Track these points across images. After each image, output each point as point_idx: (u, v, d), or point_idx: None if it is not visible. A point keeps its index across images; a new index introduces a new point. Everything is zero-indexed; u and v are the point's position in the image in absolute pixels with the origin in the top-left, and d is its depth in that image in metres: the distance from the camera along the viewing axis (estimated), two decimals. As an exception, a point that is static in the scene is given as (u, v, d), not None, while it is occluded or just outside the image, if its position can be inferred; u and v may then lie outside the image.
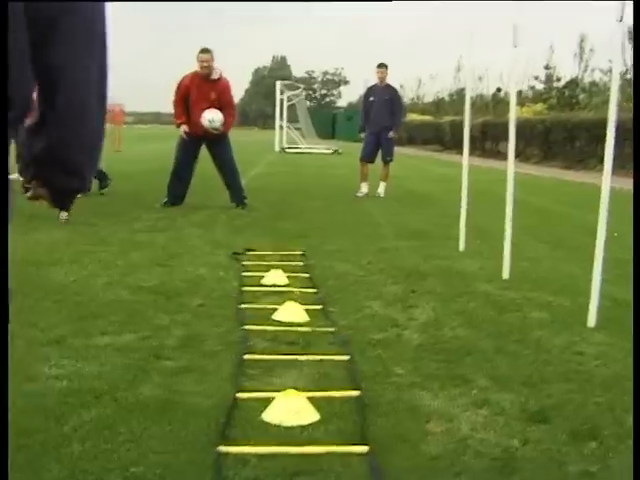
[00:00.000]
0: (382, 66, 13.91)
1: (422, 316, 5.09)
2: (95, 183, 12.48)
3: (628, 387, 3.81)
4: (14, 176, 7.68)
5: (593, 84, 41.14)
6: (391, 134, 13.67)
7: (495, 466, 2.90)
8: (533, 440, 3.16)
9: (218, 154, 10.82)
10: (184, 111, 10.57)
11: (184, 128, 10.54)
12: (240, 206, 10.77)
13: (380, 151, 13.79)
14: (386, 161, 13.74)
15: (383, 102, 13.65)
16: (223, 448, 2.92)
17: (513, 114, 6.45)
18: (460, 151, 7.97)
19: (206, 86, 10.44)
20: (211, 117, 10.30)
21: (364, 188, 13.75)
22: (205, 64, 10.34)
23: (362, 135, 14.23)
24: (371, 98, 13.94)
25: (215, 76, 10.48)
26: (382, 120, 13.52)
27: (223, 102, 10.55)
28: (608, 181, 4.89)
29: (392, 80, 14.22)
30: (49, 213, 9.52)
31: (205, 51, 10.38)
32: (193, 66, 10.64)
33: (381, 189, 13.68)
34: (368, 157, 13.92)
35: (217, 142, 10.62)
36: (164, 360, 4.02)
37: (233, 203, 10.88)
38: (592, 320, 4.96)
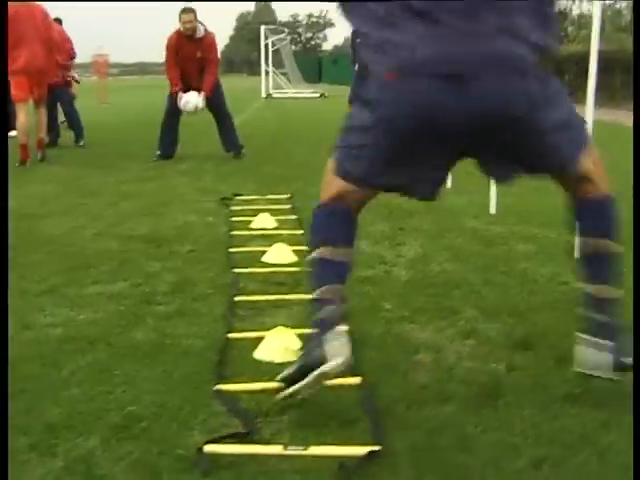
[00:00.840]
0: None
1: (410, 253, 5.16)
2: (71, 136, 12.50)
3: (612, 313, 3.90)
4: (12, 133, 7.72)
5: (581, 16, 40.83)
6: None
7: (482, 392, 2.98)
8: (519, 367, 3.25)
9: (212, 104, 10.71)
10: (178, 74, 10.37)
11: (180, 95, 10.31)
12: (235, 155, 10.73)
13: None
14: None
15: None
16: (217, 386, 3.00)
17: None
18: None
19: (190, 45, 10.25)
20: (188, 105, 10.32)
21: None
22: (188, 25, 10.11)
23: None
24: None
25: (199, 34, 10.27)
26: None
27: (207, 60, 10.41)
28: (591, 113, 4.90)
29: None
30: (41, 167, 9.56)
31: (187, 11, 10.11)
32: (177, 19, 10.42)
33: None
34: None
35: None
36: (156, 305, 4.08)
37: (229, 152, 10.79)
38: (577, 251, 5.01)
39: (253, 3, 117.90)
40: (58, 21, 12.92)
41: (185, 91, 10.31)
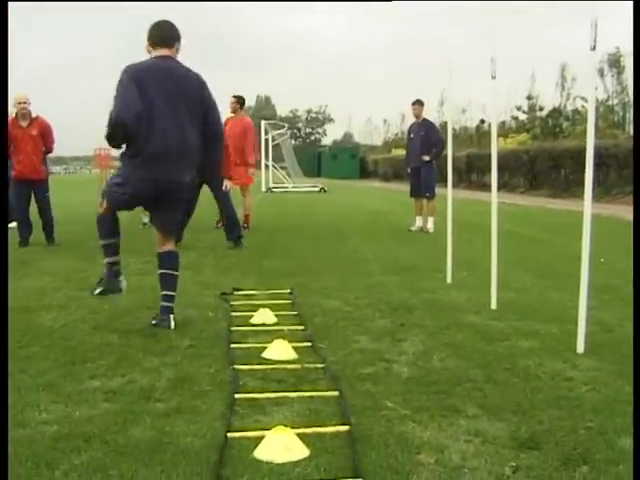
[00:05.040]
0: (416, 103, 13.93)
1: (411, 349, 5.11)
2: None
3: (619, 410, 3.85)
4: (13, 225, 7.81)
5: (576, 112, 41.54)
6: (426, 157, 13.66)
7: (487, 494, 2.91)
8: (524, 467, 3.17)
9: (215, 192, 11.29)
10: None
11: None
12: (235, 245, 10.96)
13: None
14: (426, 197, 13.74)
15: (419, 138, 13.72)
16: (215, 487, 2.92)
17: (494, 145, 6.53)
18: (445, 184, 8.01)
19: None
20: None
21: (417, 222, 13.92)
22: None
23: (409, 170, 14.44)
24: (411, 135, 14.07)
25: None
26: (419, 156, 13.60)
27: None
28: (589, 207, 4.93)
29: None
30: (40, 261, 9.54)
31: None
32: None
33: (429, 224, 13.63)
34: (413, 192, 14.14)
35: (213, 180, 10.71)
36: (154, 402, 4.01)
37: (229, 242, 11.13)
38: (580, 346, 4.98)
39: (254, 98, 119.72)
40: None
41: None
